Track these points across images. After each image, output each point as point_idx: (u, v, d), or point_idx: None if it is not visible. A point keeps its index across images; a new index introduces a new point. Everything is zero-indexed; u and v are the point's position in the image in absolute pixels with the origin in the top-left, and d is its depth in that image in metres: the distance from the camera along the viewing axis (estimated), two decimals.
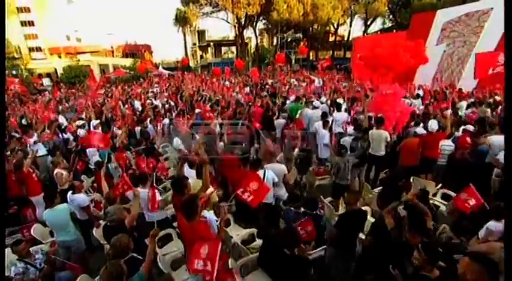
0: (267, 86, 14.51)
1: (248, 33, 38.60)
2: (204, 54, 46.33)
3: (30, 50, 44.38)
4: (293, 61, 31.63)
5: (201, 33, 43.09)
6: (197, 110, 8.69)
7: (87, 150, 6.51)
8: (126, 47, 42.24)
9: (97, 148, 6.37)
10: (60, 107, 12.70)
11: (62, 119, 9.62)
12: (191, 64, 41.13)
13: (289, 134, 6.91)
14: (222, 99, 11.42)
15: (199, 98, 11.49)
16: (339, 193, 4.27)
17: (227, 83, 16.54)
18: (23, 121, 9.58)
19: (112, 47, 41.27)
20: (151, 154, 6.60)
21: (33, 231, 4.09)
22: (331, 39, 40.02)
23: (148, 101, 12.57)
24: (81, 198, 4.15)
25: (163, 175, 6.15)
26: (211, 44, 44.42)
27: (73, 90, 16.72)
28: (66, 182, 5.53)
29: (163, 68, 35.65)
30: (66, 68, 25.22)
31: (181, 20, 34.29)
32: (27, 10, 43.85)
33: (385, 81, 7.07)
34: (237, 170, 4.70)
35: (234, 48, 43.25)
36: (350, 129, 6.81)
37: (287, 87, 13.81)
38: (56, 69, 25.78)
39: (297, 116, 7.82)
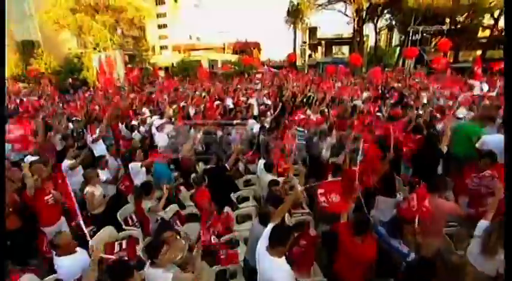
0: (394, 93, 10.57)
1: (366, 30, 33.73)
2: (313, 54, 43.80)
3: (161, 48, 52.43)
4: (425, 61, 25.21)
5: (312, 31, 40.64)
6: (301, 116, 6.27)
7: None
8: (236, 44, 44.09)
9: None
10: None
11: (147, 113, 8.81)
12: (298, 63, 39.31)
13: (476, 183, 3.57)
14: (334, 104, 8.71)
15: (305, 99, 9.04)
16: None
17: (338, 83, 13.52)
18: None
19: (224, 45, 43.89)
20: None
21: None
22: (482, 34, 30.47)
23: (242, 98, 10.98)
24: None
25: None
26: (322, 42, 41.41)
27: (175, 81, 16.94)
28: (99, 205, 3.96)
29: (270, 66, 35.49)
30: (179, 62, 27.64)
31: (294, 13, 32.67)
32: (163, 15, 51.93)
33: None
34: None
35: (345, 48, 39.18)
36: None
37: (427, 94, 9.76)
38: (172, 64, 28.60)
39: (480, 145, 4.29)
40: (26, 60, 28.39)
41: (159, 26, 52.27)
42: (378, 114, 7.02)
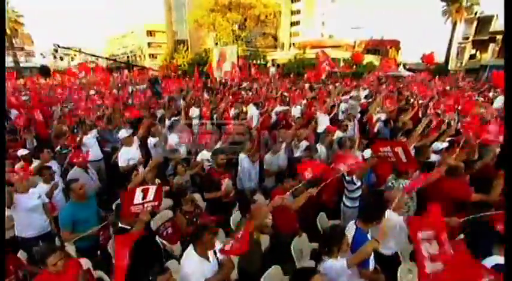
0: None
1: None
2: (478, 53, 32.84)
3: (291, 45, 52.68)
4: None
5: (482, 22, 30.24)
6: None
7: None
8: (369, 42, 38.44)
9: None
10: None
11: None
12: (451, 65, 30.43)
13: None
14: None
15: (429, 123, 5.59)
16: None
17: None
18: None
19: (354, 42, 39.08)
20: None
21: None
22: None
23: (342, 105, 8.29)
24: None
25: None
26: (498, 37, 30.09)
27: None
28: None
29: (408, 69, 28.93)
30: (291, 59, 26.01)
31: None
32: (297, 12, 51.84)
33: None
34: None
35: None
36: None
37: None
38: (289, 60, 27.35)
39: None
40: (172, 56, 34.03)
41: (292, 23, 52.66)
42: None
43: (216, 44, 28.62)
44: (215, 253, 2.50)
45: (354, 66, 20.98)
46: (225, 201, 4.06)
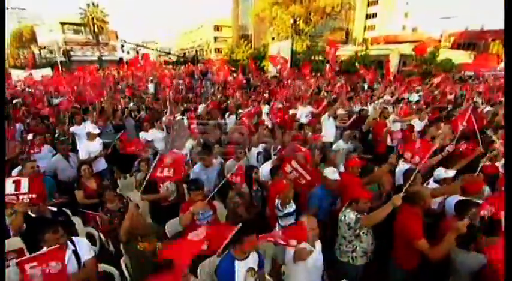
0: None
1: None
2: None
3: (363, 40, 48.10)
4: None
5: None
6: None
7: None
8: (463, 34, 31.72)
9: None
10: None
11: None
12: None
13: None
14: None
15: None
16: None
17: None
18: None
19: (441, 36, 32.70)
20: None
21: None
22: None
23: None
24: None
25: None
26: None
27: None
28: None
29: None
30: (352, 56, 23.01)
31: None
32: (374, 3, 46.85)
33: None
34: None
35: None
36: None
37: None
38: (350, 57, 24.42)
39: None
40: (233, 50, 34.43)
41: (368, 16, 48.24)
42: None
43: (273, 38, 27.64)
44: (74, 252, 2.48)
45: (430, 65, 17.39)
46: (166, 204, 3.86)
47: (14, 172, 4.07)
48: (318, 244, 2.63)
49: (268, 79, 15.88)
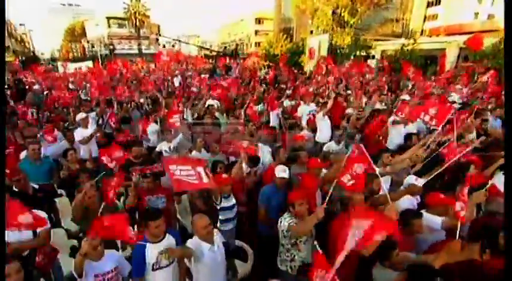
0: None
1: None
2: None
3: (422, 32, 43.14)
4: None
5: None
6: None
7: None
8: None
9: None
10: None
11: None
12: None
13: None
14: None
15: None
16: None
17: None
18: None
19: None
20: None
21: None
22: None
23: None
24: None
25: None
26: None
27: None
28: None
29: None
30: (397, 50, 20.02)
31: None
32: None
33: None
34: None
35: None
36: None
37: None
38: (396, 51, 21.44)
39: None
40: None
41: (429, 4, 43.52)
42: None
43: (312, 32, 25.79)
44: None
45: (493, 58, 14.32)
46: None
47: (22, 154, 4.60)
48: (218, 240, 2.69)
49: (295, 75, 14.72)
